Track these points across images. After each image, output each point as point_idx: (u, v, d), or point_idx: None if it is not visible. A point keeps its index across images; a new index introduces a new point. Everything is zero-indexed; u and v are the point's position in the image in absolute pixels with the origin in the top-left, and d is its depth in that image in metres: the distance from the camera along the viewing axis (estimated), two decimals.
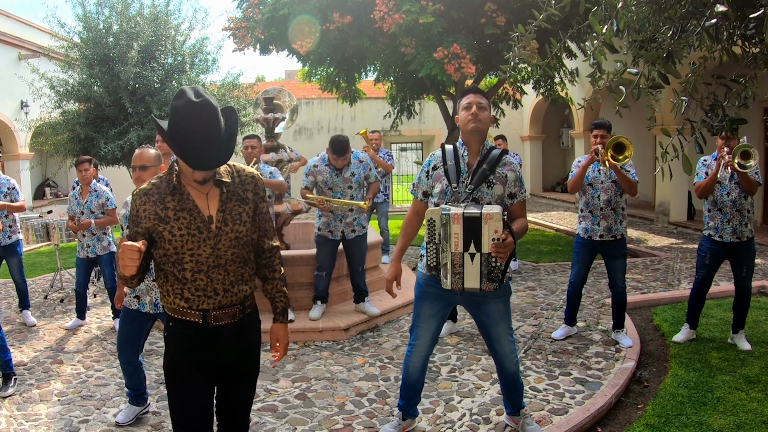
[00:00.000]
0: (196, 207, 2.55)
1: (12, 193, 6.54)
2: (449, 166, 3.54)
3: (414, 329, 3.74)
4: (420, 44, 8.98)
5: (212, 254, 2.56)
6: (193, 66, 12.57)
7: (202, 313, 2.58)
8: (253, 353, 2.79)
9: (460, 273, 3.30)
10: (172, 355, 2.67)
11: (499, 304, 3.58)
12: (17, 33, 15.43)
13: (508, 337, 3.67)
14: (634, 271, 8.50)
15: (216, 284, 2.58)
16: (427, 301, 3.65)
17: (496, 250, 3.22)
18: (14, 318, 7.00)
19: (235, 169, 2.69)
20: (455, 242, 3.26)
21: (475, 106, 3.49)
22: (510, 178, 3.56)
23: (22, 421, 4.35)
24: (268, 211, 2.81)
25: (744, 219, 5.14)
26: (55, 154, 12.88)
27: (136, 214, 2.57)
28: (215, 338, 2.62)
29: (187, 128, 2.41)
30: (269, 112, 7.27)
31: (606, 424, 4.14)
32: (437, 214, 3.35)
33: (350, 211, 6.07)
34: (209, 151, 2.43)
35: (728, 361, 4.98)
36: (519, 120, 19.36)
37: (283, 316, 2.87)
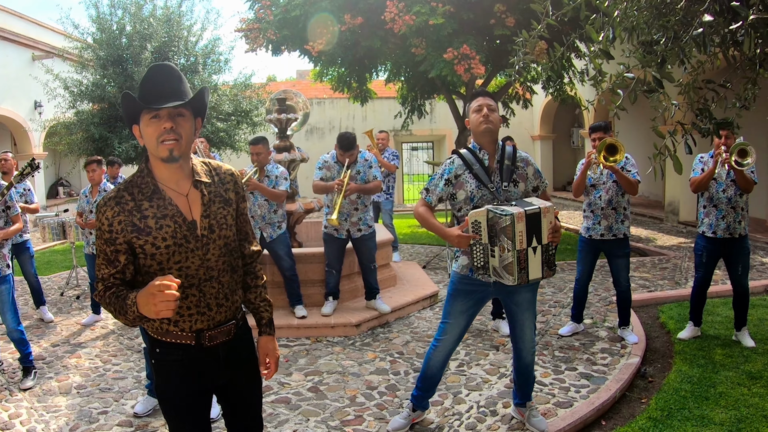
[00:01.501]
0: (179, 212, 2.25)
1: (27, 195, 6.73)
2: (476, 169, 3.62)
3: (443, 325, 3.85)
4: (430, 45, 9.09)
5: (202, 266, 2.27)
6: (205, 66, 12.76)
7: (195, 334, 2.30)
8: (252, 367, 2.55)
9: (525, 268, 3.38)
10: (165, 387, 2.39)
11: (528, 294, 3.72)
12: (31, 34, 15.68)
13: (531, 325, 3.81)
14: (642, 270, 8.58)
15: (209, 299, 2.30)
16: (460, 298, 3.76)
17: (552, 237, 3.38)
18: (32, 314, 7.18)
19: (213, 167, 2.42)
20: (520, 240, 3.32)
21: (485, 108, 3.61)
22: (530, 173, 3.70)
23: (42, 412, 4.50)
24: (247, 212, 2.55)
25: (738, 216, 5.23)
26: (69, 153, 13.10)
27: (109, 229, 2.20)
28: (210, 360, 2.36)
29: (148, 74, 2.22)
30: (282, 113, 7.40)
31: (610, 417, 4.25)
32: (483, 216, 3.39)
33: (355, 210, 6.18)
34: (164, 87, 2.18)
35: (732, 357, 5.06)
36: (530, 120, 19.44)
37: (270, 327, 2.58)
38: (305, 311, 6.23)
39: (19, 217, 5.08)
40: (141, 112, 2.18)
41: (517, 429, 3.97)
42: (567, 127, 20.17)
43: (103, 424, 4.28)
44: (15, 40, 15.07)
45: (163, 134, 2.15)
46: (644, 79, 2.40)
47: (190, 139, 2.24)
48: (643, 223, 13.16)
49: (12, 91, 15.00)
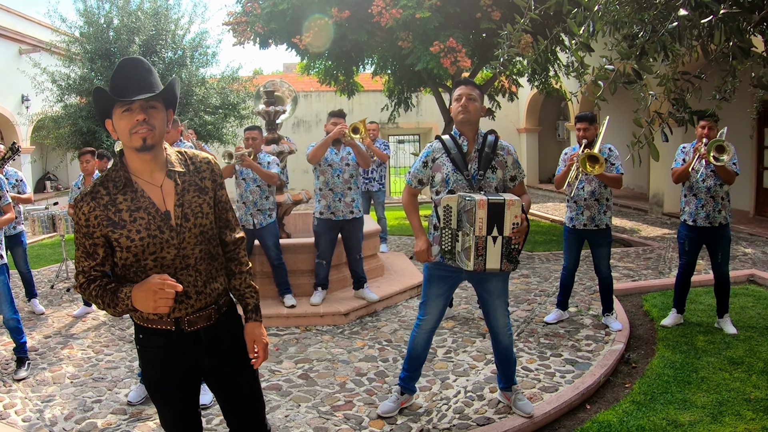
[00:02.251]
0: (152, 203, 2.27)
1: (20, 185, 6.72)
2: (454, 154, 3.75)
3: (423, 306, 4.00)
4: (417, 38, 9.15)
5: (178, 255, 2.29)
6: (193, 60, 12.75)
7: (174, 320, 2.34)
8: (240, 352, 2.54)
9: (483, 255, 3.51)
10: (149, 370, 2.44)
11: (499, 282, 3.85)
12: (18, 28, 15.56)
13: (503, 312, 3.93)
14: (627, 260, 8.72)
15: (187, 287, 2.32)
16: (435, 283, 3.92)
17: (516, 233, 3.48)
18: (23, 307, 7.18)
19: (188, 156, 2.42)
20: (479, 226, 3.45)
21: (465, 97, 3.71)
22: (509, 162, 3.81)
23: (37, 402, 4.54)
24: (228, 200, 2.55)
25: (718, 205, 5.34)
26: (57, 147, 13.05)
27: (86, 224, 2.25)
28: (192, 345, 2.39)
29: (118, 68, 2.24)
30: (270, 105, 7.45)
31: (594, 401, 4.36)
32: (455, 201, 3.58)
33: (348, 189, 6.24)
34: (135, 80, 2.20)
35: (714, 344, 5.19)
36: (515, 112, 19.56)
37: (256, 313, 2.57)
38: (294, 300, 6.30)
39: (11, 207, 5.09)
40: (113, 106, 2.21)
41: (503, 413, 4.06)
42: (552, 119, 20.32)
43: (97, 412, 4.34)
44: (2, 34, 14.94)
45: (135, 126, 2.17)
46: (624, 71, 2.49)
47: (162, 130, 2.27)
48: (627, 215, 13.32)
49: None
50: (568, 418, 4.12)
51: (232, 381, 2.53)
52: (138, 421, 4.18)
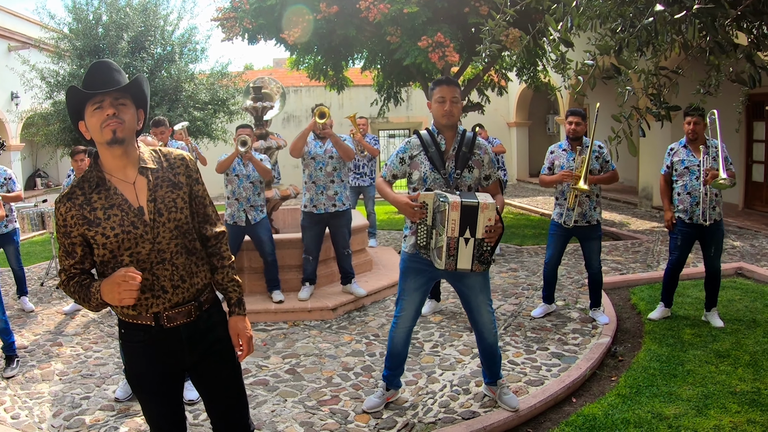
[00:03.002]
0: (125, 200, 2.32)
1: (9, 184, 6.67)
2: (432, 153, 3.74)
3: (399, 302, 3.98)
4: (405, 33, 9.16)
5: (153, 249, 2.34)
6: (182, 56, 12.70)
7: (153, 315, 2.38)
8: (223, 348, 2.57)
9: (454, 255, 3.50)
10: (131, 364, 2.49)
11: (479, 277, 3.82)
12: (7, 25, 15.48)
13: (487, 308, 3.91)
14: (615, 254, 8.75)
15: (163, 281, 2.36)
16: (411, 276, 3.89)
17: (489, 236, 3.46)
18: (13, 304, 7.16)
19: (162, 153, 2.47)
20: (452, 227, 3.43)
21: (449, 101, 3.69)
22: (485, 160, 3.81)
23: (26, 399, 4.54)
24: (206, 195, 2.58)
25: (712, 203, 5.36)
26: (47, 144, 12.99)
27: (63, 224, 2.32)
28: (172, 341, 2.42)
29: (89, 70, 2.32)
30: (258, 101, 7.44)
31: (580, 395, 4.37)
32: (431, 199, 3.56)
33: (331, 182, 6.22)
34: (104, 78, 2.27)
35: (701, 337, 5.21)
36: (505, 107, 19.59)
37: (239, 307, 2.61)
38: (282, 296, 6.30)
39: (0, 205, 5.08)
40: (85, 107, 2.27)
41: (489, 406, 4.08)
42: (542, 113, 20.35)
43: (86, 408, 4.34)
44: None
45: (106, 120, 2.24)
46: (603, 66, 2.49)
47: (132, 126, 2.33)
48: (617, 208, 13.37)
49: None
50: (554, 412, 4.13)
51: (215, 377, 2.56)
52: (125, 417, 4.17)
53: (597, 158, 5.49)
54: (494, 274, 7.69)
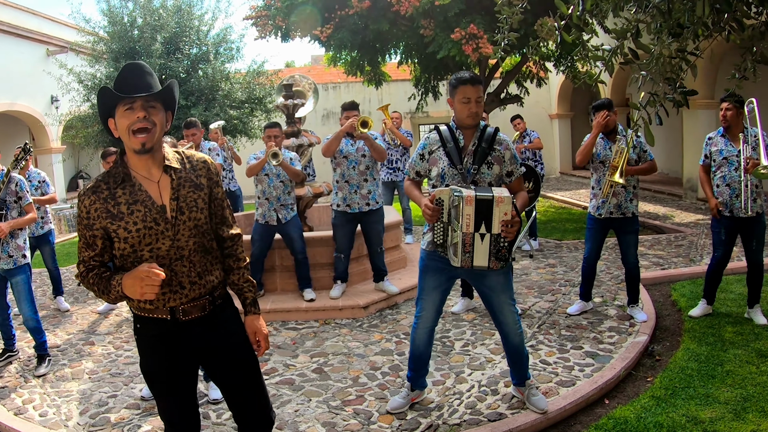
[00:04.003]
0: (149, 197, 2.41)
1: (42, 186, 6.84)
2: (450, 148, 3.65)
3: (419, 302, 3.91)
4: (438, 26, 9.04)
5: (173, 246, 2.42)
6: (217, 55, 12.81)
7: (170, 309, 2.46)
8: (237, 341, 2.64)
9: (470, 252, 3.42)
10: (146, 358, 2.55)
11: (500, 276, 3.71)
12: (44, 30, 15.88)
13: (510, 307, 3.79)
14: (657, 248, 8.49)
15: (181, 277, 2.45)
16: (430, 274, 3.81)
17: (505, 231, 3.35)
18: (49, 304, 7.35)
19: (185, 155, 2.57)
20: (467, 223, 3.35)
21: (473, 101, 3.59)
22: (506, 157, 3.69)
23: (55, 397, 4.63)
24: (225, 197, 2.67)
25: (753, 194, 5.13)
26: (86, 146, 13.28)
27: (86, 216, 2.40)
28: (186, 334, 2.50)
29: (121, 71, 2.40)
30: (288, 99, 7.43)
31: (614, 396, 4.22)
32: (447, 195, 3.47)
33: (365, 181, 6.16)
34: (137, 81, 2.35)
35: (742, 335, 4.98)
36: (547, 99, 19.26)
37: (254, 306, 2.71)
38: (314, 294, 6.28)
39: (32, 207, 5.19)
40: (116, 106, 2.34)
41: (517, 408, 3.97)
42: (585, 104, 19.89)
43: (112, 407, 4.39)
44: (29, 36, 15.25)
45: (136, 122, 2.31)
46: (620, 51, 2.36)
47: (162, 130, 2.42)
48: (661, 201, 13.00)
49: (28, 87, 15.21)
50: (585, 414, 3.99)
51: (230, 371, 2.63)
52: (150, 416, 4.22)
53: (634, 148, 5.30)
54: (531, 270, 7.54)
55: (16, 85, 14.86)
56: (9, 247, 5.04)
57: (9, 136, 16.35)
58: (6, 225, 4.87)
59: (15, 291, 5.19)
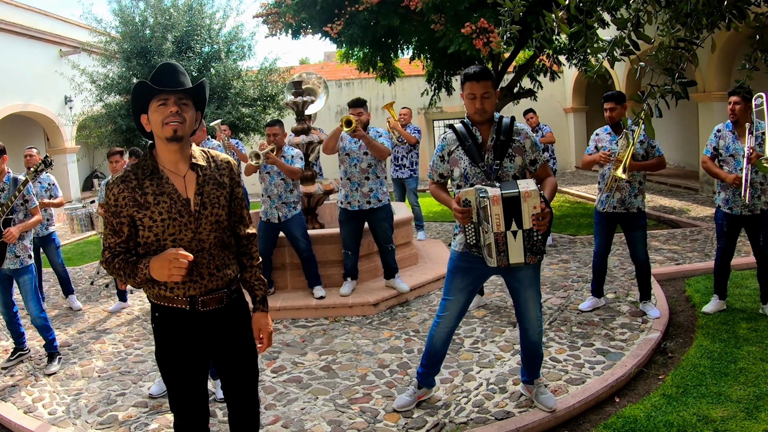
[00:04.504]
0: (175, 190, 2.54)
1: (52, 189, 6.94)
2: (469, 146, 3.57)
3: (444, 302, 3.84)
4: (449, 20, 8.97)
5: (194, 238, 2.55)
6: (229, 53, 12.83)
7: (189, 299, 2.58)
8: (244, 334, 2.79)
9: (504, 251, 3.36)
10: (162, 347, 2.67)
11: (529, 270, 3.66)
12: (57, 30, 16.01)
13: (535, 303, 3.74)
14: (672, 242, 8.39)
15: (201, 268, 2.58)
16: (459, 275, 3.74)
17: (537, 224, 3.30)
18: (62, 303, 7.41)
19: (211, 155, 2.71)
20: (497, 223, 3.29)
21: (479, 98, 3.51)
22: (527, 146, 3.61)
23: (64, 395, 4.67)
24: (243, 198, 2.81)
25: (757, 191, 5.02)
26: (100, 146, 13.39)
27: (114, 204, 2.53)
28: (204, 324, 2.64)
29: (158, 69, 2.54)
30: (298, 96, 7.41)
31: (624, 394, 4.16)
32: (473, 195, 3.41)
33: (366, 179, 6.11)
34: (172, 79, 2.49)
35: (757, 331, 4.89)
36: (561, 92, 19.11)
37: (263, 304, 2.85)
38: (324, 292, 6.27)
39: (38, 210, 5.29)
40: (150, 101, 2.50)
41: (525, 406, 3.93)
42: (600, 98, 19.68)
43: (120, 405, 4.42)
44: (42, 37, 15.39)
45: (168, 117, 2.46)
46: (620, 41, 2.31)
47: (191, 125, 2.57)
48: (678, 195, 12.84)
49: (41, 87, 15.35)
50: (594, 413, 3.94)
51: (235, 359, 2.76)
52: (157, 414, 4.24)
53: (641, 143, 5.22)
54: (544, 265, 7.48)
55: (30, 86, 15.00)
56: (16, 247, 5.13)
57: (23, 137, 16.51)
58: (16, 229, 4.97)
59: (22, 290, 5.24)
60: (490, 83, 3.54)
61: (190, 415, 2.74)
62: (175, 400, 2.72)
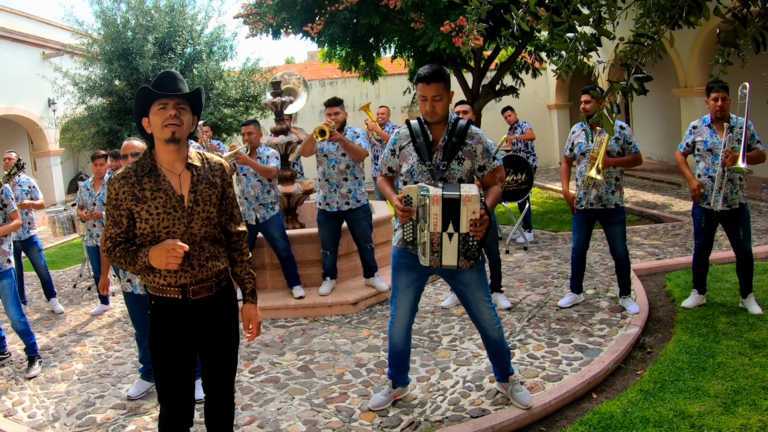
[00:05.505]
0: (171, 187, 2.76)
1: (32, 192, 6.89)
2: (420, 143, 3.57)
3: (393, 300, 3.84)
4: (428, 18, 8.96)
5: (186, 231, 2.76)
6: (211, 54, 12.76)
7: (181, 288, 2.79)
8: (230, 323, 2.98)
9: (438, 252, 3.39)
10: (156, 333, 2.85)
11: (474, 273, 3.65)
12: (39, 33, 15.84)
13: (486, 304, 3.72)
14: (654, 237, 8.41)
15: (192, 259, 2.78)
16: (402, 272, 3.74)
17: (474, 230, 3.30)
18: (44, 307, 7.34)
19: (205, 157, 2.93)
20: (434, 222, 3.32)
21: (430, 100, 3.48)
22: (478, 151, 3.60)
23: (44, 399, 4.63)
24: (235, 197, 3.03)
25: (735, 187, 5.04)
26: (83, 148, 13.31)
27: (115, 197, 2.75)
28: (195, 313, 2.83)
29: (159, 76, 2.80)
30: (277, 96, 7.37)
31: (602, 390, 4.15)
32: (415, 192, 3.41)
33: (344, 180, 6.09)
34: (171, 85, 2.74)
35: (736, 326, 4.90)
36: (545, 89, 19.15)
37: (252, 296, 3.06)
38: (303, 291, 6.24)
39: (17, 214, 5.25)
40: (151, 105, 2.72)
41: (501, 404, 3.91)
42: None
43: (98, 407, 4.39)
44: (24, 40, 15.23)
45: (167, 119, 2.69)
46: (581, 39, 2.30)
47: (188, 128, 2.79)
48: (661, 189, 12.90)
49: (25, 90, 15.19)
50: (571, 409, 3.93)
51: (219, 347, 2.95)
52: (135, 416, 4.21)
53: (617, 139, 5.22)
54: (525, 262, 7.48)
55: (13, 89, 14.84)
56: None
57: (7, 141, 16.34)
58: None
59: (1, 295, 5.20)
60: (443, 86, 3.49)
61: (177, 405, 2.87)
62: (164, 390, 2.86)
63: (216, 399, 3.04)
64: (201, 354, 2.97)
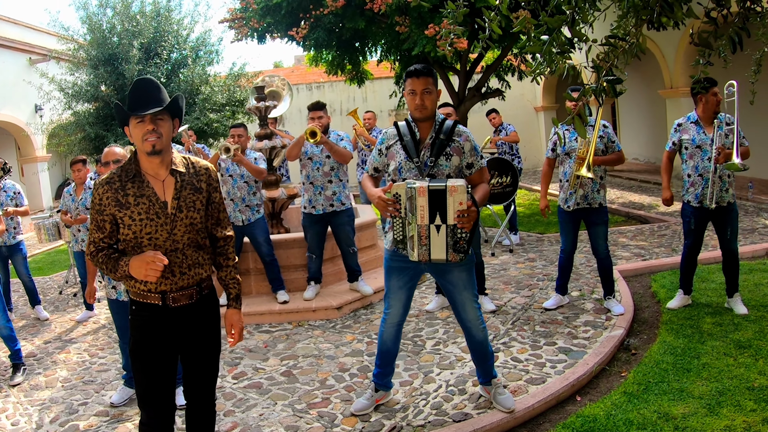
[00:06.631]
0: (154, 193, 2.75)
1: (17, 198, 6.82)
2: (407, 141, 3.61)
3: (386, 299, 3.87)
4: (413, 22, 8.95)
5: (169, 238, 2.75)
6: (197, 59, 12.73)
7: (161, 295, 2.78)
8: (211, 330, 2.96)
9: (426, 245, 3.39)
10: (137, 338, 2.84)
11: (463, 273, 3.66)
12: (26, 38, 15.75)
13: (472, 304, 3.73)
14: (640, 238, 8.42)
15: (173, 267, 2.76)
16: (394, 274, 3.76)
17: (461, 221, 3.31)
18: (29, 314, 7.26)
19: (191, 161, 2.91)
20: (421, 215, 3.33)
21: (419, 93, 3.53)
22: (466, 148, 3.62)
23: (27, 406, 4.58)
24: (222, 202, 3.00)
25: (725, 185, 5.04)
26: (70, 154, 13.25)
27: (99, 203, 2.76)
28: (175, 319, 2.82)
29: (133, 86, 2.77)
30: (261, 101, 7.34)
31: (586, 392, 4.13)
32: (402, 189, 3.43)
33: (329, 182, 6.07)
34: (146, 96, 2.71)
35: (721, 326, 4.89)
36: (532, 91, 19.19)
37: (236, 302, 3.04)
38: (287, 296, 6.21)
39: (1, 220, 5.20)
40: (129, 118, 2.73)
41: (484, 407, 3.89)
42: None
43: (82, 414, 4.36)
44: (11, 45, 15.14)
45: (146, 134, 2.69)
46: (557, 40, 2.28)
47: (169, 136, 2.78)
48: (647, 190, 12.93)
49: (11, 97, 15.11)
50: (555, 412, 3.91)
51: (200, 354, 2.93)
52: (117, 423, 4.18)
53: (601, 138, 5.24)
54: (510, 265, 7.47)
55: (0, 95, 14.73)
56: None
57: None
58: None
59: None
60: (431, 80, 3.56)
61: (157, 411, 2.85)
62: (144, 395, 2.84)
63: (197, 406, 3.02)
64: (182, 360, 2.96)
